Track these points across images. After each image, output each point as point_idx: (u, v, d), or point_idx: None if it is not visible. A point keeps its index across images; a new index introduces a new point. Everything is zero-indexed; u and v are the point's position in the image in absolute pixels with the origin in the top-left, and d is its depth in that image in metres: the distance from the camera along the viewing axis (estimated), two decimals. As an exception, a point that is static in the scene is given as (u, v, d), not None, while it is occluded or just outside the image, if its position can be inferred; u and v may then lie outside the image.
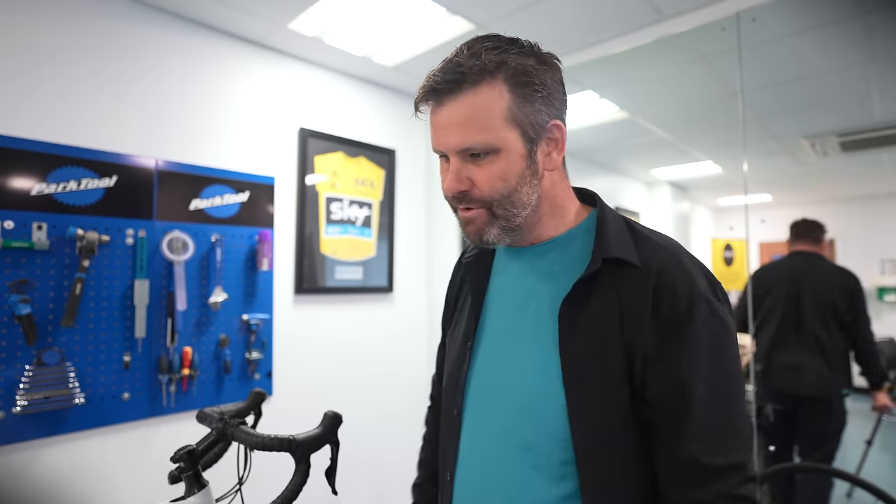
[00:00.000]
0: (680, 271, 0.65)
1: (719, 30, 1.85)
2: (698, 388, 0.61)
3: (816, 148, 3.42)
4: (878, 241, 4.94)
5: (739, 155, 3.54)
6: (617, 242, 0.68)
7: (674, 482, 0.62)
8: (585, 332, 0.65)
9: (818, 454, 2.23)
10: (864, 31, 1.92)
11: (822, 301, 2.29)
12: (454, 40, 2.02)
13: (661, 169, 4.36)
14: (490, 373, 0.74)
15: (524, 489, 0.67)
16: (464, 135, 0.65)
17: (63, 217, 1.56)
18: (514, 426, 0.68)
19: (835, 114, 2.86)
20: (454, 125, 0.65)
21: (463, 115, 0.65)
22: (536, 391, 0.67)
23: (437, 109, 0.67)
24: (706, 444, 0.60)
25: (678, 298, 0.63)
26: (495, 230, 0.69)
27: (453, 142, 0.66)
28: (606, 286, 0.66)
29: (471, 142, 0.65)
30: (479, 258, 0.83)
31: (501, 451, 0.69)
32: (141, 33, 1.77)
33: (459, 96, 0.64)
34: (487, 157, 0.66)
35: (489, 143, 0.65)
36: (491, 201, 0.67)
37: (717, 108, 2.79)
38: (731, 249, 5.38)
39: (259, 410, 0.97)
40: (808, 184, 4.81)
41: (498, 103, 0.64)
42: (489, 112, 0.64)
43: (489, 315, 0.78)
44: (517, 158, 0.66)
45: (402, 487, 2.55)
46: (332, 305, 2.30)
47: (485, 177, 0.66)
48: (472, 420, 0.75)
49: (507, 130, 0.65)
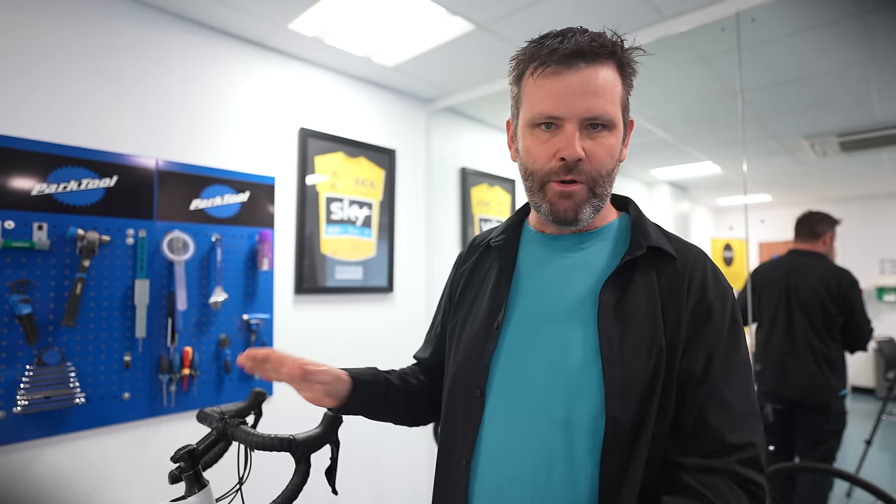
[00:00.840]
0: (710, 267, 0.73)
1: (719, 30, 1.85)
2: (720, 372, 0.66)
3: (816, 148, 3.42)
4: (878, 241, 4.94)
5: (739, 155, 3.55)
6: (657, 236, 0.74)
7: (689, 449, 0.64)
8: (625, 313, 0.68)
9: (817, 453, 2.23)
10: (864, 31, 1.93)
11: (811, 305, 2.25)
12: (454, 40, 2.02)
13: (661, 169, 4.36)
14: (522, 352, 0.73)
15: (553, 468, 0.66)
16: (597, 103, 0.67)
17: (63, 217, 1.56)
18: (553, 404, 0.68)
19: (835, 114, 2.86)
20: (588, 92, 0.66)
21: (599, 85, 0.67)
22: (574, 369, 0.68)
23: (566, 74, 0.67)
24: (727, 419, 0.64)
25: (708, 288, 0.70)
26: (589, 209, 0.71)
27: (583, 108, 0.67)
28: (648, 272, 0.71)
29: (602, 110, 0.67)
30: (508, 241, 0.82)
31: (533, 430, 0.68)
32: (141, 33, 1.77)
33: (595, 66, 0.67)
34: (603, 131, 0.68)
35: (613, 118, 0.68)
36: (596, 177, 0.69)
37: (716, 108, 2.79)
38: (731, 249, 5.39)
39: (259, 410, 0.97)
40: (808, 184, 4.81)
41: (617, 84, 0.69)
42: (615, 88, 0.69)
43: (520, 297, 0.77)
44: (618, 140, 0.71)
45: (403, 488, 2.56)
46: (333, 305, 2.30)
47: (599, 150, 0.68)
48: (499, 399, 0.72)
49: (618, 111, 0.70)
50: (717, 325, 0.68)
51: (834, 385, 2.22)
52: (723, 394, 0.65)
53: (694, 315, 0.68)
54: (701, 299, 0.69)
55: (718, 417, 0.64)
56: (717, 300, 0.69)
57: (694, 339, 0.67)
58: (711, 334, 0.67)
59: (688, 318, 0.67)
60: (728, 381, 0.66)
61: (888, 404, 3.20)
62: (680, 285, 0.69)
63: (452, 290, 0.90)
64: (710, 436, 0.63)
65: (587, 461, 0.65)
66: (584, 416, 0.66)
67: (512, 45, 1.38)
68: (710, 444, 0.63)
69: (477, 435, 0.73)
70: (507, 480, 0.69)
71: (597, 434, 0.65)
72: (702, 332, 0.67)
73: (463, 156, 2.99)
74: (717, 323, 0.68)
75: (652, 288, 0.69)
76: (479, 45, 2.06)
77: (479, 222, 3.03)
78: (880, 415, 3.08)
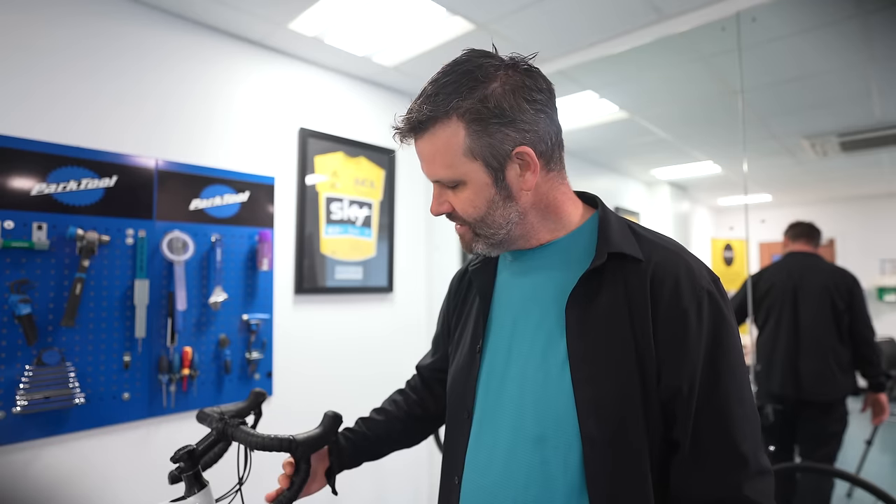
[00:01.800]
0: (682, 266, 0.67)
1: (719, 30, 1.85)
2: (709, 381, 0.63)
3: (816, 148, 3.42)
4: (878, 241, 4.93)
5: (739, 155, 3.54)
6: (620, 238, 0.70)
7: (691, 480, 0.63)
8: (593, 325, 0.67)
9: (819, 454, 2.22)
10: (864, 31, 1.92)
11: (820, 302, 2.25)
12: (454, 40, 2.02)
13: (661, 169, 4.36)
14: (499, 371, 0.75)
15: (530, 484, 0.67)
16: (431, 170, 0.72)
17: (63, 217, 1.56)
18: (525, 420, 0.69)
19: (835, 114, 2.86)
20: (424, 160, 0.73)
21: (428, 153, 0.71)
22: (544, 383, 0.68)
23: (414, 143, 0.73)
24: (725, 441, 0.62)
25: (681, 293, 0.65)
26: (481, 244, 0.75)
27: (426, 173, 0.74)
28: (615, 281, 0.68)
29: (437, 176, 0.72)
30: (484, 264, 0.84)
31: (513, 447, 0.70)
32: (140, 33, 1.77)
33: (423, 136, 0.70)
34: (458, 186, 0.71)
35: (452, 178, 0.71)
36: (470, 222, 0.73)
37: (717, 108, 2.79)
38: (731, 249, 5.38)
39: (259, 410, 0.97)
40: (808, 184, 4.81)
41: (455, 141, 0.68)
42: (448, 150, 0.69)
43: (496, 316, 0.80)
44: (483, 187, 0.70)
45: (403, 488, 2.55)
46: (332, 305, 2.30)
47: (458, 203, 0.73)
48: (481, 420, 0.75)
49: (467, 164, 0.69)
50: (694, 333, 0.63)
51: (843, 384, 2.21)
52: (716, 407, 0.62)
53: (667, 323, 0.64)
54: (673, 305, 0.64)
55: (715, 441, 0.62)
56: (693, 304, 0.64)
57: (672, 350, 0.63)
58: (692, 343, 0.63)
59: (661, 327, 0.64)
60: (718, 391, 0.63)
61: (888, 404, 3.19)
62: (643, 290, 0.65)
63: (449, 315, 0.94)
64: (711, 464, 0.62)
65: (561, 477, 0.65)
66: (555, 431, 0.66)
67: (512, 45, 1.38)
68: (711, 474, 0.62)
69: (465, 455, 0.76)
70: (489, 497, 0.71)
71: (571, 450, 0.65)
72: (680, 343, 0.63)
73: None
74: (693, 330, 0.63)
75: (618, 297, 0.67)
76: (479, 45, 2.04)
77: (479, 222, 3.03)
78: (876, 426, 3.07)
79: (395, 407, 1.01)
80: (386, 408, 1.01)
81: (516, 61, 0.70)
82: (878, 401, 2.27)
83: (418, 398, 1.01)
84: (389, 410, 1.00)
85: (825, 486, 2.24)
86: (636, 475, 0.63)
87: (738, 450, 0.62)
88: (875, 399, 2.27)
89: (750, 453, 0.62)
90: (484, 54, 0.70)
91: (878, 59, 2.15)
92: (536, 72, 0.71)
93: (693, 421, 0.63)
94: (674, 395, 0.63)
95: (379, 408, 1.02)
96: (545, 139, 0.70)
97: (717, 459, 0.62)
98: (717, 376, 0.63)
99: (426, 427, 1.03)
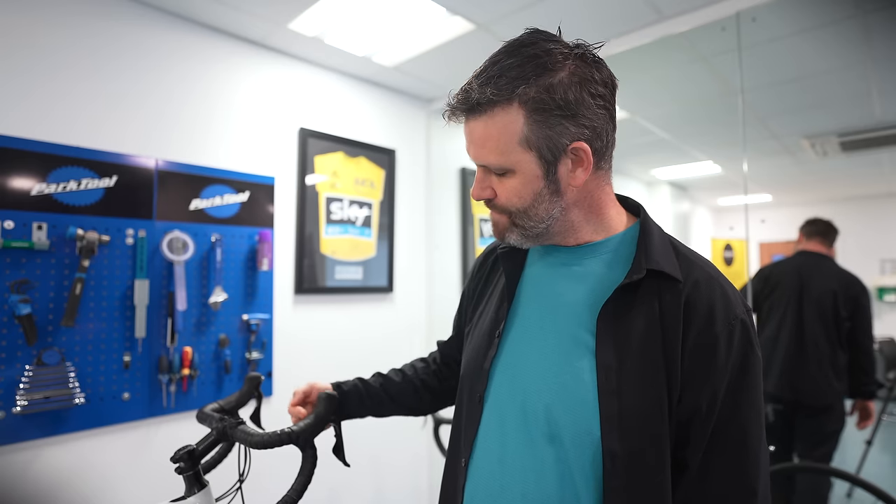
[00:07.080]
0: (718, 291, 0.65)
1: (719, 30, 1.85)
2: (729, 407, 0.62)
3: (816, 148, 3.42)
4: (878, 241, 4.94)
5: (739, 155, 3.55)
6: (661, 255, 0.67)
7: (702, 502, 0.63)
8: (624, 338, 0.65)
9: (816, 454, 2.22)
10: (864, 31, 1.93)
11: (824, 305, 2.23)
12: (454, 40, 2.02)
13: (661, 169, 4.36)
14: (519, 363, 0.73)
15: (542, 483, 0.66)
16: (480, 153, 0.69)
17: (63, 217, 1.56)
18: (538, 417, 0.68)
19: (835, 114, 2.86)
20: (473, 142, 0.69)
21: (480, 136, 0.67)
22: (566, 387, 0.66)
23: (465, 122, 0.70)
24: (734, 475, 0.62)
25: (715, 318, 0.63)
26: (515, 235, 0.73)
27: (474, 156, 0.71)
28: (650, 296, 0.66)
29: (485, 161, 0.69)
30: (514, 249, 0.81)
31: (525, 441, 0.69)
32: (140, 33, 1.77)
33: (478, 117, 0.67)
34: (506, 174, 0.69)
35: (502, 166, 0.68)
36: (511, 211, 0.71)
37: (717, 108, 2.79)
38: (731, 249, 5.38)
39: (259, 393, 0.98)
40: (808, 184, 4.81)
41: (512, 128, 0.65)
42: (503, 136, 0.65)
43: (521, 306, 0.78)
44: (532, 179, 0.67)
45: (403, 489, 2.55)
46: (332, 305, 2.30)
47: (502, 191, 0.70)
48: (495, 407, 0.74)
49: (521, 153, 0.66)
50: (721, 358, 0.62)
51: (838, 389, 2.21)
52: (735, 438, 0.62)
53: (697, 347, 0.62)
54: (706, 330, 0.63)
55: (728, 471, 0.62)
56: (725, 331, 0.63)
57: (697, 372, 0.62)
58: (718, 367, 0.62)
59: (690, 350, 0.63)
60: (738, 419, 0.62)
61: (888, 404, 3.20)
62: (677, 313, 0.64)
63: (470, 293, 0.93)
64: (721, 492, 0.62)
65: (580, 484, 0.64)
66: (572, 437, 0.64)
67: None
68: (720, 501, 0.62)
69: (474, 439, 0.75)
70: (499, 488, 0.70)
71: (584, 455, 0.64)
72: (707, 365, 0.62)
73: (463, 156, 2.98)
74: (722, 355, 0.62)
75: (652, 315, 0.65)
76: (479, 45, 2.06)
77: (479, 222, 3.02)
78: (881, 415, 3.08)
79: (414, 372, 1.03)
80: (405, 371, 1.04)
81: (585, 50, 0.66)
82: (866, 408, 2.32)
83: (437, 370, 1.04)
84: (407, 375, 1.03)
85: (823, 486, 2.24)
86: (656, 495, 0.61)
87: (751, 485, 0.62)
88: (863, 406, 2.32)
89: (761, 494, 0.62)
90: (550, 37, 0.66)
91: (878, 59, 2.15)
92: (603, 64, 0.68)
93: (708, 444, 0.62)
94: (691, 416, 0.62)
95: (397, 369, 1.04)
96: (602, 136, 0.67)
97: (729, 489, 0.62)
98: (737, 405, 0.63)
99: (436, 400, 1.04)
